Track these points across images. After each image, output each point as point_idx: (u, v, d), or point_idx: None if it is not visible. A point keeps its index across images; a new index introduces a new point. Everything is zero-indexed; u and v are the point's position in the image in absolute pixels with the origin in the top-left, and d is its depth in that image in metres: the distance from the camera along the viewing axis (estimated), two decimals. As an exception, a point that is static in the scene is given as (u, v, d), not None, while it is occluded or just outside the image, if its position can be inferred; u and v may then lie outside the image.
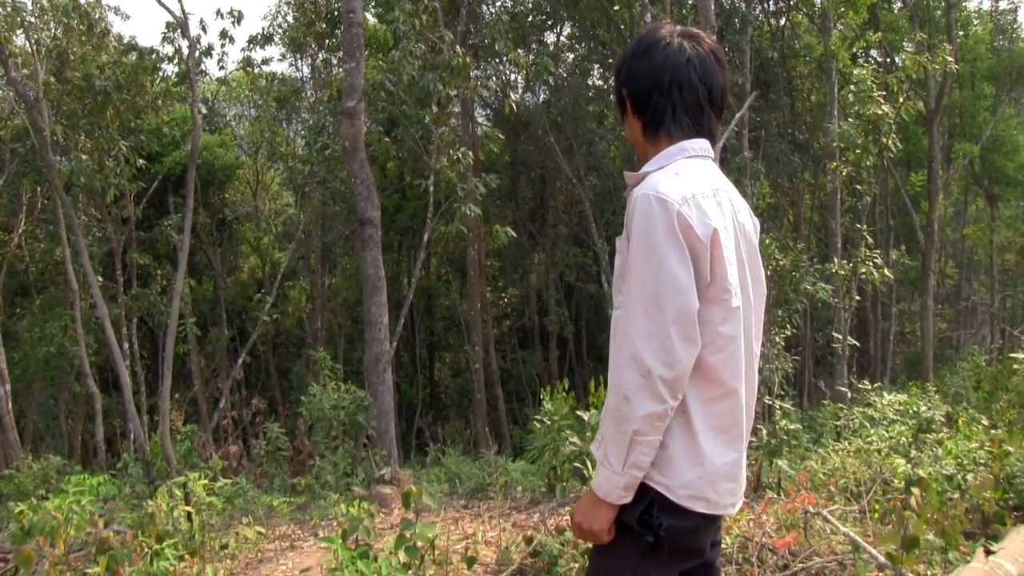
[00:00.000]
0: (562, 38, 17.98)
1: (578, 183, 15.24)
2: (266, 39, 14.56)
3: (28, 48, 10.94)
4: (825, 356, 16.96)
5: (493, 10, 15.80)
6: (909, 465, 4.55)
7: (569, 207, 18.63)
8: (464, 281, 17.07)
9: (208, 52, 10.67)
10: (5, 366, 10.34)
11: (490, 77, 16.57)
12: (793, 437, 5.56)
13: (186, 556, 3.64)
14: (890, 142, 8.89)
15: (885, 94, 8.97)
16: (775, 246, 9.14)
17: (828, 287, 9.58)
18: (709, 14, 8.60)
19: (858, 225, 10.70)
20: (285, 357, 18.65)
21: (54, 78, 11.03)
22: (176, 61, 11.02)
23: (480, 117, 18.23)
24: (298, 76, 16.77)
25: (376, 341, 8.30)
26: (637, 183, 1.57)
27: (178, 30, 10.08)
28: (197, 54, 9.96)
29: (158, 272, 14.55)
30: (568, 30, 17.70)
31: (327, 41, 15.42)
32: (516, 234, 13.68)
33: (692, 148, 1.60)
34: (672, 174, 1.54)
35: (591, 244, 16.01)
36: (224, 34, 11.36)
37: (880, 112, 8.60)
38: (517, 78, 16.97)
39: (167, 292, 12.92)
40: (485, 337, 16.11)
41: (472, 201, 8.72)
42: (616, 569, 1.59)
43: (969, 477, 3.93)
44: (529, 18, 16.50)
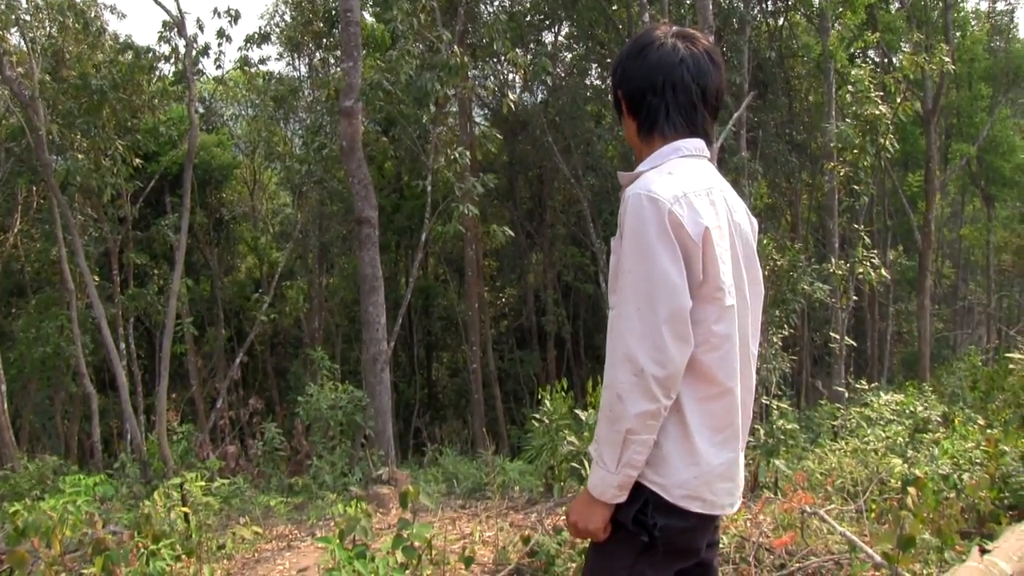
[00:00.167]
0: (560, 38, 18.00)
1: (576, 183, 15.24)
2: (263, 38, 14.53)
3: (23, 47, 10.91)
4: (822, 356, 17.01)
5: (491, 9, 15.80)
6: (905, 465, 4.56)
7: (567, 207, 18.64)
8: (462, 281, 17.06)
9: (205, 51, 10.67)
10: (1, 366, 10.31)
11: (488, 77, 16.59)
12: (790, 437, 5.57)
13: (183, 556, 3.63)
14: (887, 142, 8.92)
15: (882, 94, 8.99)
16: (773, 246, 9.16)
17: (825, 287, 9.60)
18: (707, 14, 8.61)
19: (855, 225, 10.73)
20: (282, 357, 18.63)
21: (50, 77, 11.00)
22: (173, 60, 11.02)
23: (478, 117, 18.23)
24: (295, 75, 16.76)
25: (374, 341, 8.29)
26: (631, 183, 1.57)
27: (175, 29, 10.07)
28: (194, 53, 9.95)
29: (155, 272, 14.52)
30: (566, 30, 17.71)
31: (325, 40, 15.40)
32: (514, 234, 13.69)
33: (686, 148, 1.60)
34: (665, 173, 1.54)
35: (589, 244, 16.02)
36: (221, 33, 11.33)
37: (877, 112, 8.63)
38: (515, 78, 17.00)
39: (164, 292, 12.90)
40: (483, 337, 16.10)
41: (470, 201, 8.72)
42: (612, 568, 1.59)
43: (965, 477, 3.94)
44: (527, 18, 16.50)
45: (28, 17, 11.21)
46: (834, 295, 10.01)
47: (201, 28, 10.58)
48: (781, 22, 16.66)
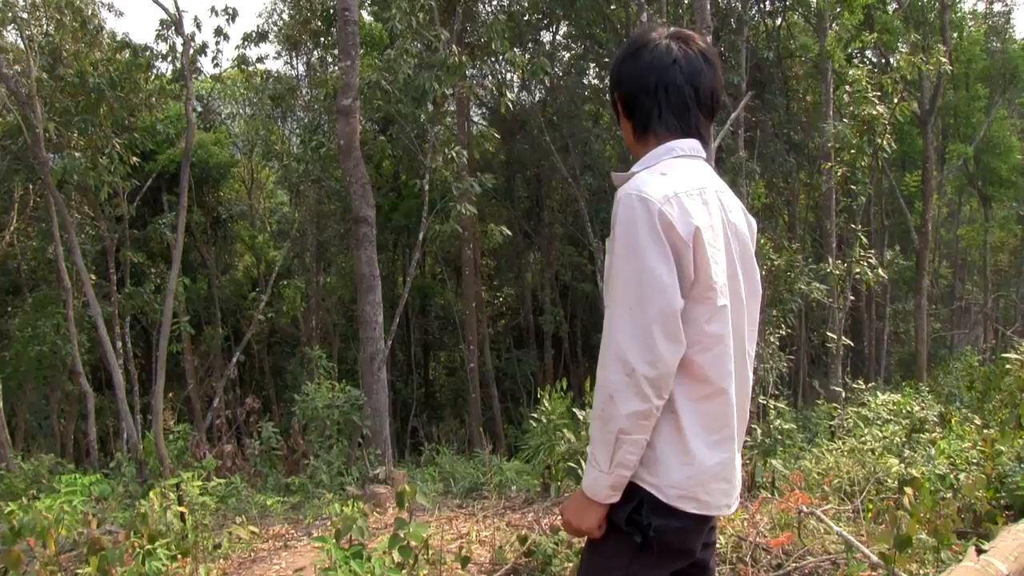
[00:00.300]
0: (558, 37, 18.01)
1: (573, 182, 15.25)
2: (261, 37, 14.49)
3: (20, 44, 10.88)
4: (819, 356, 17.04)
5: (489, 9, 15.80)
6: (902, 465, 4.57)
7: (564, 206, 18.65)
8: (459, 280, 17.06)
9: (202, 50, 10.65)
10: (-3, 365, 10.29)
11: (486, 76, 16.60)
12: (787, 437, 5.58)
13: (179, 556, 3.62)
14: (885, 142, 8.93)
15: (880, 95, 9.00)
16: (770, 246, 9.18)
17: (823, 287, 9.62)
18: (705, 14, 8.61)
19: (853, 225, 10.73)
20: (280, 356, 18.62)
21: (46, 75, 10.96)
22: (170, 58, 10.98)
23: (476, 116, 18.22)
24: (293, 74, 16.75)
25: (371, 340, 8.28)
26: (624, 183, 1.57)
27: (172, 27, 10.04)
28: (191, 51, 9.92)
29: (152, 270, 14.48)
30: (564, 29, 17.72)
31: (323, 39, 15.36)
32: (511, 233, 13.69)
33: (680, 148, 1.60)
34: (657, 174, 1.54)
35: (586, 243, 16.03)
36: (219, 31, 11.32)
37: (875, 112, 8.63)
38: (513, 77, 16.98)
39: (161, 291, 12.86)
40: (480, 336, 16.10)
41: (467, 200, 8.72)
42: (606, 568, 1.58)
43: (962, 476, 3.95)
44: (525, 17, 16.50)
45: (25, 15, 11.17)
46: (831, 295, 10.03)
47: (199, 26, 10.62)
48: (779, 22, 16.68)
